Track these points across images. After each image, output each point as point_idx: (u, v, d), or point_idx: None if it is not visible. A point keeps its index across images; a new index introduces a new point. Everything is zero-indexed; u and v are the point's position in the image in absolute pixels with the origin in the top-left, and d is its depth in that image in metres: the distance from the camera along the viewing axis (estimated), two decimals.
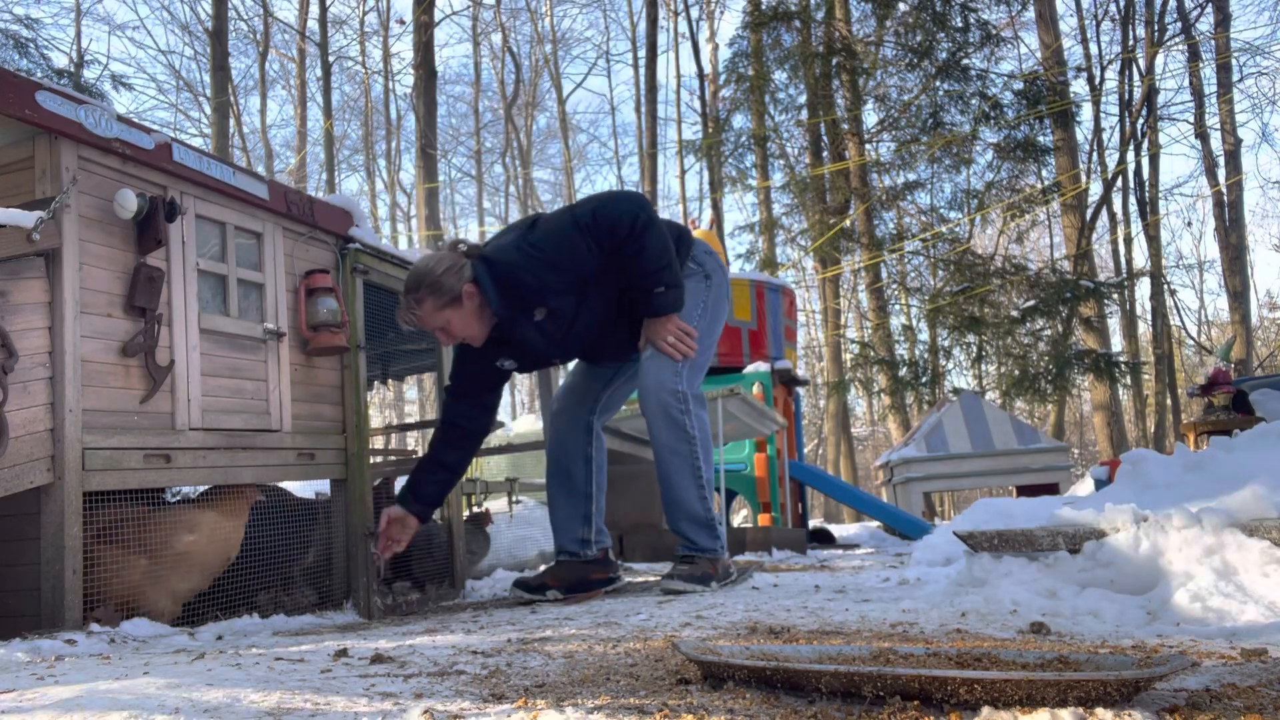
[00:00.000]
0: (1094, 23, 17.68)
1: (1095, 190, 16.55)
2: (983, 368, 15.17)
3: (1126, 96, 15.98)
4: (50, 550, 2.63)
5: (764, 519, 7.71)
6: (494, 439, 6.05)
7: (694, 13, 22.58)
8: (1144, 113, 15.67)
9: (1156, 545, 2.29)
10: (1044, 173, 16.56)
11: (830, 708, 1.26)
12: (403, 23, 24.04)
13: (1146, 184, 16.72)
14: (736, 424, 6.70)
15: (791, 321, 9.69)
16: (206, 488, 3.22)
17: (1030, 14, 16.45)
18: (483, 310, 3.24)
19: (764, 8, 15.83)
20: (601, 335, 3.43)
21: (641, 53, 22.41)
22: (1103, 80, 16.73)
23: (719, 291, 3.55)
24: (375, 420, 26.04)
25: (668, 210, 28.81)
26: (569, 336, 3.36)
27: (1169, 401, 16.34)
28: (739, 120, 17.74)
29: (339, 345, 3.57)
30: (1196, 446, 6.08)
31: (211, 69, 16.11)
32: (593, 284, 3.26)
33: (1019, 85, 14.94)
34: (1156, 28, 16.08)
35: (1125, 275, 17.64)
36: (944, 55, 14.50)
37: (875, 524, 10.27)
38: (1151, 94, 15.77)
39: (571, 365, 3.87)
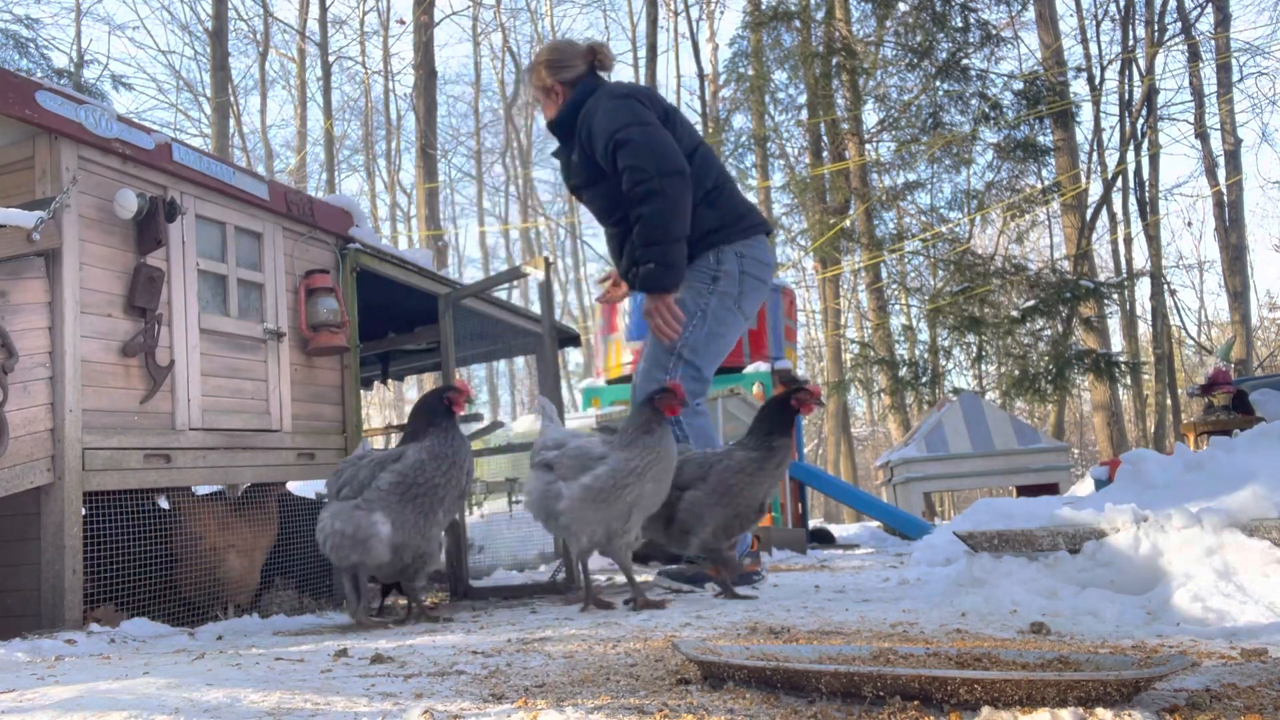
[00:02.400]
0: (1094, 23, 17.68)
1: (1095, 190, 16.55)
2: (983, 368, 15.15)
3: (1126, 96, 15.97)
4: (50, 550, 2.63)
5: (764, 519, 7.71)
6: (494, 439, 6.04)
7: (694, 13, 22.60)
8: (1144, 113, 15.65)
9: (1156, 545, 2.29)
10: (1044, 173, 16.56)
11: (830, 708, 1.26)
12: (403, 23, 24.04)
13: (1146, 184, 16.70)
14: (736, 424, 6.70)
15: (791, 321, 9.69)
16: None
17: (1030, 14, 16.43)
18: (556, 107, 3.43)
19: (764, 8, 15.83)
20: (603, 216, 3.44)
21: (641, 53, 22.40)
22: (1103, 80, 16.72)
23: (725, 300, 3.29)
24: (375, 420, 26.01)
25: None
26: (578, 190, 3.47)
27: (1169, 401, 16.33)
28: (739, 120, 17.76)
29: (339, 345, 3.57)
30: (1196, 446, 6.07)
31: (211, 69, 16.11)
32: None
33: (1019, 85, 14.92)
34: (1156, 28, 16.07)
35: (1125, 275, 17.62)
36: (944, 55, 14.48)
37: (875, 524, 10.26)
38: (1151, 94, 15.76)
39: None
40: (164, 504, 2.98)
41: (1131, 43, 16.04)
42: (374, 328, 5.12)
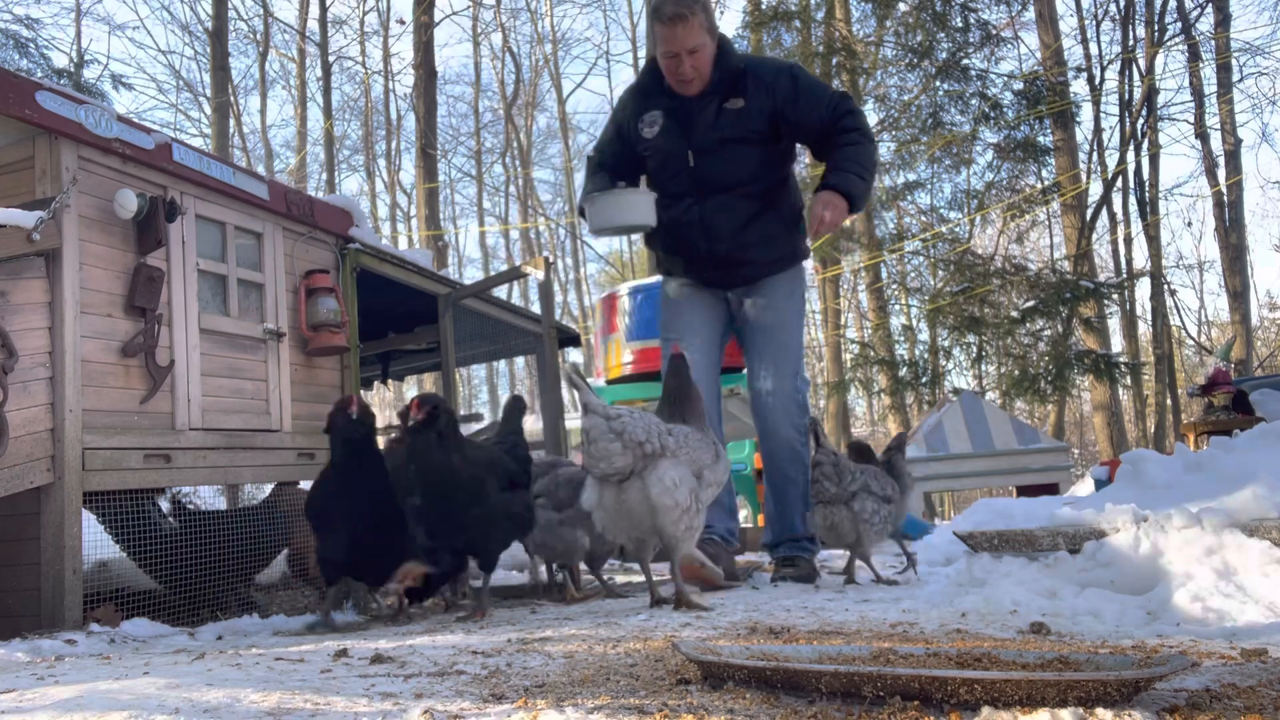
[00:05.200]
0: (1094, 23, 17.65)
1: (1095, 190, 16.52)
2: (983, 368, 15.14)
3: (1126, 96, 15.95)
4: (50, 550, 2.63)
5: (764, 519, 7.71)
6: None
7: None
8: (1144, 113, 15.63)
9: (1157, 545, 2.29)
10: (1044, 173, 16.54)
11: (830, 708, 1.26)
12: (403, 23, 24.02)
13: (1146, 184, 16.68)
14: (736, 424, 6.71)
15: None
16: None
17: (1030, 14, 16.41)
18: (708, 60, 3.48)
19: (764, 8, 15.81)
20: (728, 177, 3.54)
21: (641, 52, 22.39)
22: (1103, 80, 16.70)
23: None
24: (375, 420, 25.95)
25: None
26: (725, 143, 3.48)
27: (1169, 401, 16.31)
28: None
29: (339, 345, 3.57)
30: (1196, 446, 6.07)
31: (211, 69, 16.11)
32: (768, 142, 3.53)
33: (1019, 85, 14.91)
34: (1156, 28, 16.05)
35: (1125, 275, 17.61)
36: (944, 55, 14.47)
37: None
38: (1151, 94, 15.74)
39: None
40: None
41: (1131, 43, 16.03)
42: (374, 328, 5.12)
